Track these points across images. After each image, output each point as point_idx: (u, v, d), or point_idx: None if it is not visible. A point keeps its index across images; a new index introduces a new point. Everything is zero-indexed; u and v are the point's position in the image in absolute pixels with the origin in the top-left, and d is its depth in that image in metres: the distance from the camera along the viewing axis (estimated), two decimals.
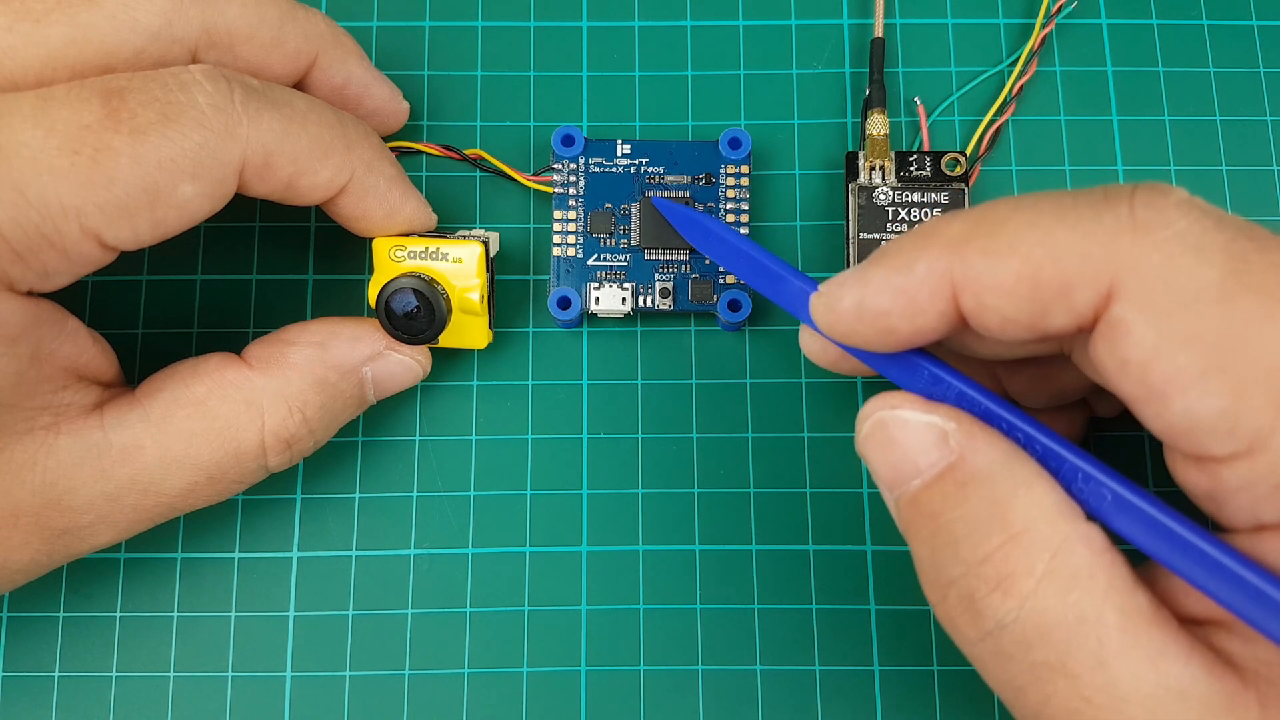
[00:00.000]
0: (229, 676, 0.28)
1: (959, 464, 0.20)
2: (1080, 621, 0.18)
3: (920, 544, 0.20)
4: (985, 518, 0.19)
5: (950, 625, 0.20)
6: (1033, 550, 0.18)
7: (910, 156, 0.29)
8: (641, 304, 0.29)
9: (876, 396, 0.21)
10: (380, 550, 0.28)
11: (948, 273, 0.19)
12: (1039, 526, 0.19)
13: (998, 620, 0.19)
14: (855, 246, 0.29)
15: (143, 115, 0.21)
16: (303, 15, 0.26)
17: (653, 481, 0.29)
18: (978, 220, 0.20)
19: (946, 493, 0.20)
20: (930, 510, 0.20)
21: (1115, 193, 0.19)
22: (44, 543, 0.23)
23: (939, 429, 0.20)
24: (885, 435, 0.21)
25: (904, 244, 0.20)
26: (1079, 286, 0.18)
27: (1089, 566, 0.18)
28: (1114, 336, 0.18)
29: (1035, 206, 0.19)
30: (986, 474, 0.19)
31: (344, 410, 0.26)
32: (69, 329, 0.23)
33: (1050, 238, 0.18)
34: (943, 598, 0.20)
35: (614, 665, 0.28)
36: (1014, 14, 0.32)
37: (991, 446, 0.20)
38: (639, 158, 0.30)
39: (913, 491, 0.20)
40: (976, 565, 0.19)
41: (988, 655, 0.19)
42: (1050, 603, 0.18)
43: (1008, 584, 0.18)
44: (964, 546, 0.19)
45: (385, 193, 0.26)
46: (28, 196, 0.20)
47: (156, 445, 0.23)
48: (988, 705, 0.27)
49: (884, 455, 0.21)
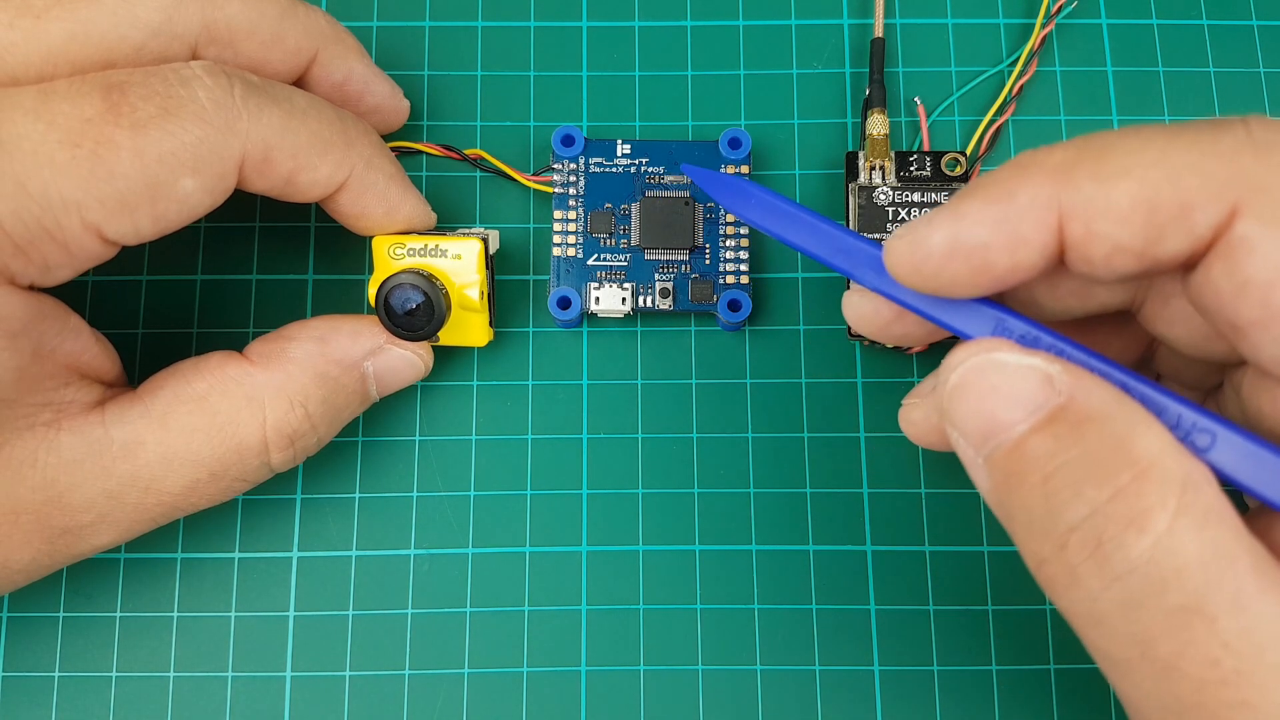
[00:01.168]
0: (229, 676, 0.28)
1: (1070, 404, 0.18)
2: (1216, 560, 0.17)
3: (1028, 493, 0.18)
4: (1109, 455, 0.18)
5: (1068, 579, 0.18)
6: (1165, 484, 0.17)
7: (910, 156, 0.29)
8: (641, 304, 0.29)
9: (962, 345, 0.20)
10: (380, 550, 0.28)
11: (1054, 200, 0.19)
12: (1166, 461, 0.17)
13: (1130, 562, 0.17)
14: None
15: (143, 109, 0.21)
16: (303, 12, 0.26)
17: (653, 481, 0.29)
18: (1082, 146, 0.19)
19: (1060, 434, 0.18)
20: (1042, 454, 0.18)
21: (1226, 120, 0.18)
22: (45, 542, 0.23)
23: (1042, 371, 0.19)
24: (981, 382, 0.19)
25: (1001, 175, 0.19)
26: (1200, 206, 0.18)
27: (1217, 503, 0.17)
28: (1236, 257, 0.17)
29: (1143, 132, 0.18)
30: (1102, 412, 0.18)
31: (346, 406, 0.26)
32: (71, 326, 0.23)
33: (1166, 159, 0.18)
34: (1061, 547, 0.18)
35: (614, 665, 0.28)
36: (1014, 14, 0.32)
37: (1101, 387, 0.18)
38: (639, 158, 0.30)
39: (1016, 437, 0.19)
40: (1105, 504, 0.17)
41: (1113, 606, 0.17)
42: (1187, 540, 0.17)
43: (1142, 520, 0.17)
44: (1088, 485, 0.18)
45: (384, 190, 0.26)
46: (29, 189, 0.20)
47: (158, 442, 0.23)
48: (988, 705, 0.27)
49: (981, 404, 0.19)
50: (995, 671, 0.28)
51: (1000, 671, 0.28)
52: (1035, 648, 0.27)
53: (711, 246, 0.29)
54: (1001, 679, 0.28)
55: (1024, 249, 0.19)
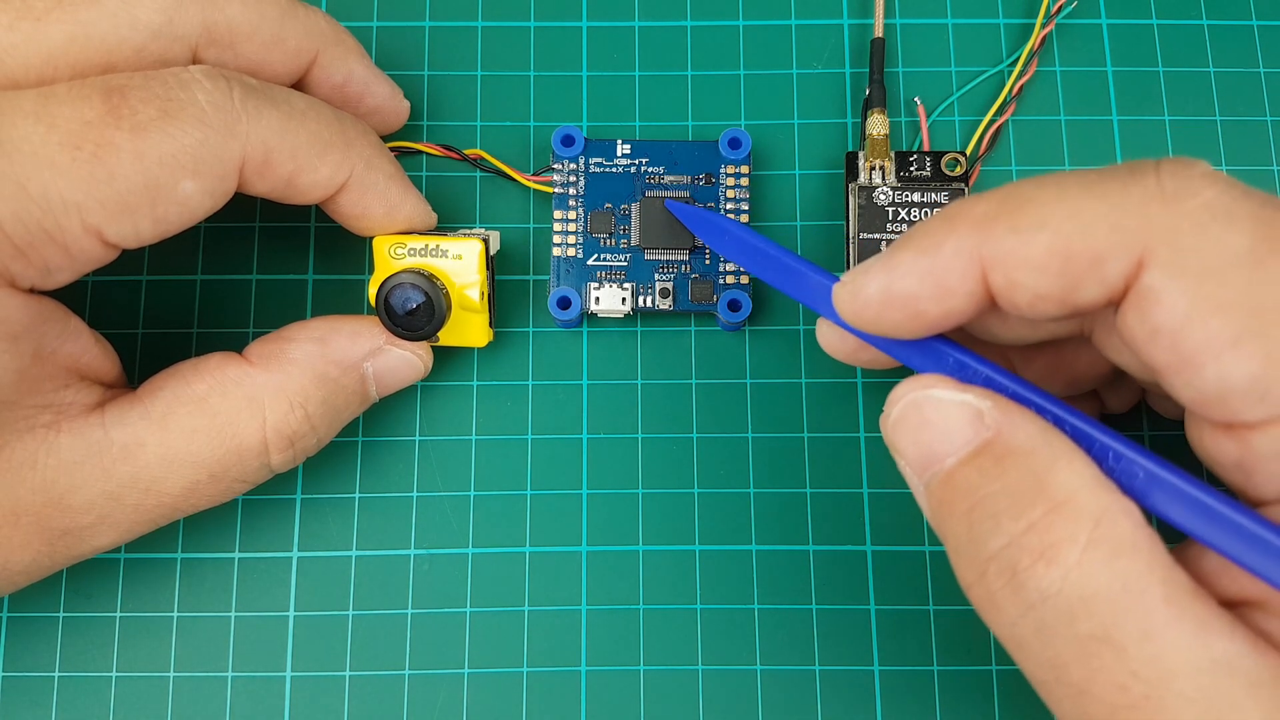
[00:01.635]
0: (229, 676, 0.28)
1: (996, 439, 0.19)
2: (1125, 591, 0.18)
3: (956, 521, 0.20)
4: (1026, 489, 0.19)
5: (989, 604, 0.19)
6: (1077, 519, 0.18)
7: (910, 156, 0.29)
8: (641, 304, 0.29)
9: (905, 380, 0.21)
10: (380, 550, 0.28)
11: (976, 251, 0.20)
12: (1081, 496, 0.18)
13: (1041, 591, 0.18)
14: (855, 246, 0.29)
15: (143, 112, 0.21)
16: (303, 13, 0.26)
17: (653, 481, 0.29)
18: (1004, 199, 0.20)
19: (984, 467, 0.19)
20: (967, 486, 0.19)
21: (1140, 167, 0.19)
22: (45, 543, 0.23)
23: (973, 407, 0.20)
24: (918, 416, 0.21)
25: (929, 226, 0.20)
26: (1110, 257, 0.18)
27: (1132, 537, 0.18)
28: (1145, 305, 0.18)
29: (1061, 183, 0.19)
30: (1026, 448, 0.19)
31: (346, 406, 0.26)
32: (71, 328, 0.23)
33: (1080, 211, 0.19)
34: (981, 575, 0.19)
35: (614, 665, 0.28)
36: (1014, 14, 0.32)
37: (1028, 422, 0.20)
38: (639, 158, 0.30)
39: (948, 469, 0.20)
40: (1019, 536, 0.18)
41: (1029, 632, 0.19)
42: (1095, 571, 0.18)
43: (1051, 553, 0.18)
44: (1005, 518, 0.19)
45: (385, 190, 0.26)
46: (29, 192, 0.20)
47: (158, 443, 0.23)
48: (988, 705, 0.27)
49: (916, 436, 0.20)
50: (995, 671, 0.28)
51: (1000, 671, 0.28)
52: None
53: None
54: (1001, 679, 0.28)
55: (951, 298, 0.20)
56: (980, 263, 0.20)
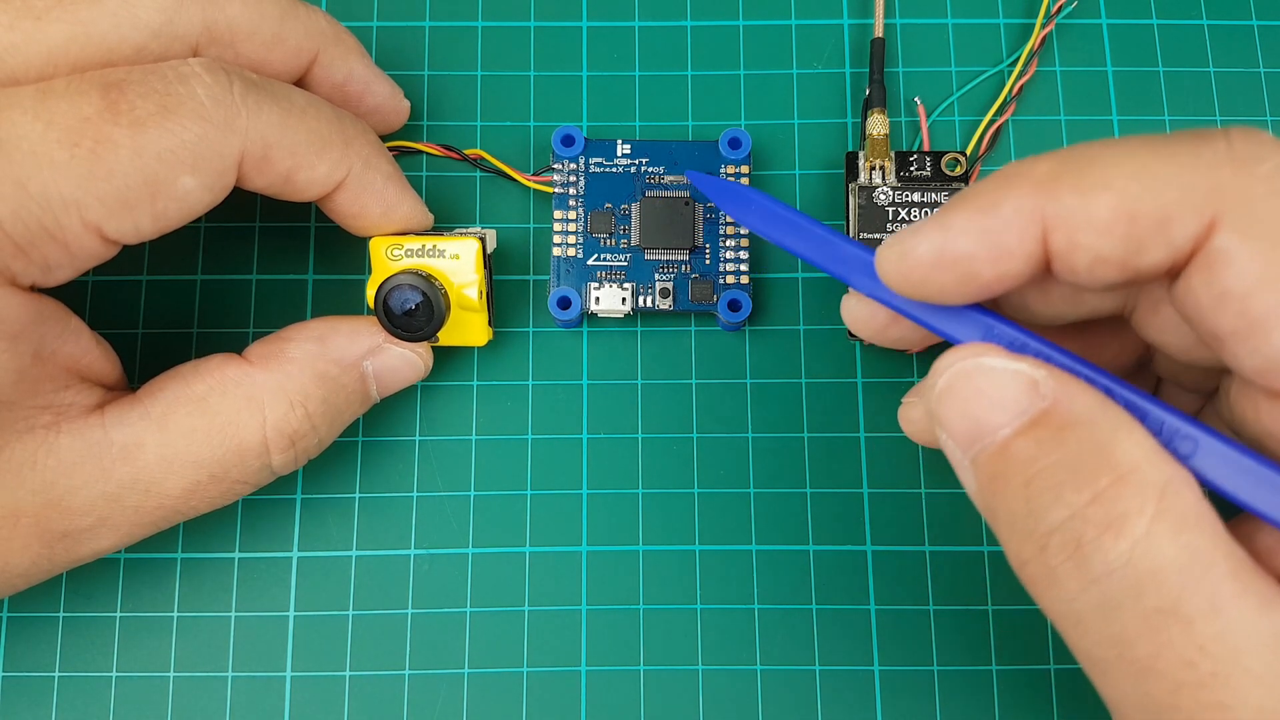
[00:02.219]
0: (229, 676, 0.28)
1: (1054, 409, 0.19)
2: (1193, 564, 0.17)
3: (1011, 495, 0.19)
4: (1089, 459, 0.18)
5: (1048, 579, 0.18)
6: (1144, 489, 0.18)
7: (910, 156, 0.29)
8: (641, 304, 0.29)
9: (953, 349, 0.20)
10: (380, 550, 0.28)
11: (1038, 211, 0.19)
12: (1145, 467, 0.18)
13: (1108, 564, 0.17)
14: None
15: (142, 107, 0.21)
16: (304, 12, 0.26)
17: (653, 481, 0.29)
18: (1066, 158, 0.19)
19: (1043, 438, 0.19)
20: (1025, 457, 0.19)
21: (1208, 132, 0.18)
22: (44, 545, 0.23)
23: (1028, 376, 0.19)
24: (969, 386, 0.20)
25: (986, 186, 0.20)
26: (1179, 219, 0.18)
27: (1196, 509, 0.18)
28: (1214, 268, 0.18)
29: (1125, 144, 0.19)
30: (1085, 417, 0.19)
31: (347, 406, 0.26)
32: (72, 328, 0.23)
33: (1147, 171, 0.18)
34: (1042, 549, 0.18)
35: (614, 665, 0.28)
36: (1014, 14, 0.32)
37: (1085, 392, 0.19)
38: (639, 158, 0.30)
39: (1001, 440, 0.19)
40: (1084, 507, 0.18)
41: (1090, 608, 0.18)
42: (1164, 544, 0.17)
43: (1119, 524, 0.17)
44: (1068, 489, 0.18)
45: (382, 189, 0.26)
46: (28, 189, 0.20)
47: (157, 444, 0.23)
48: (988, 705, 0.27)
49: (967, 407, 0.19)
50: (995, 671, 0.28)
51: (1000, 671, 0.28)
52: (1035, 648, 0.27)
53: (711, 246, 0.29)
54: (1001, 679, 0.28)
55: (1008, 260, 0.19)
56: (1041, 223, 0.19)
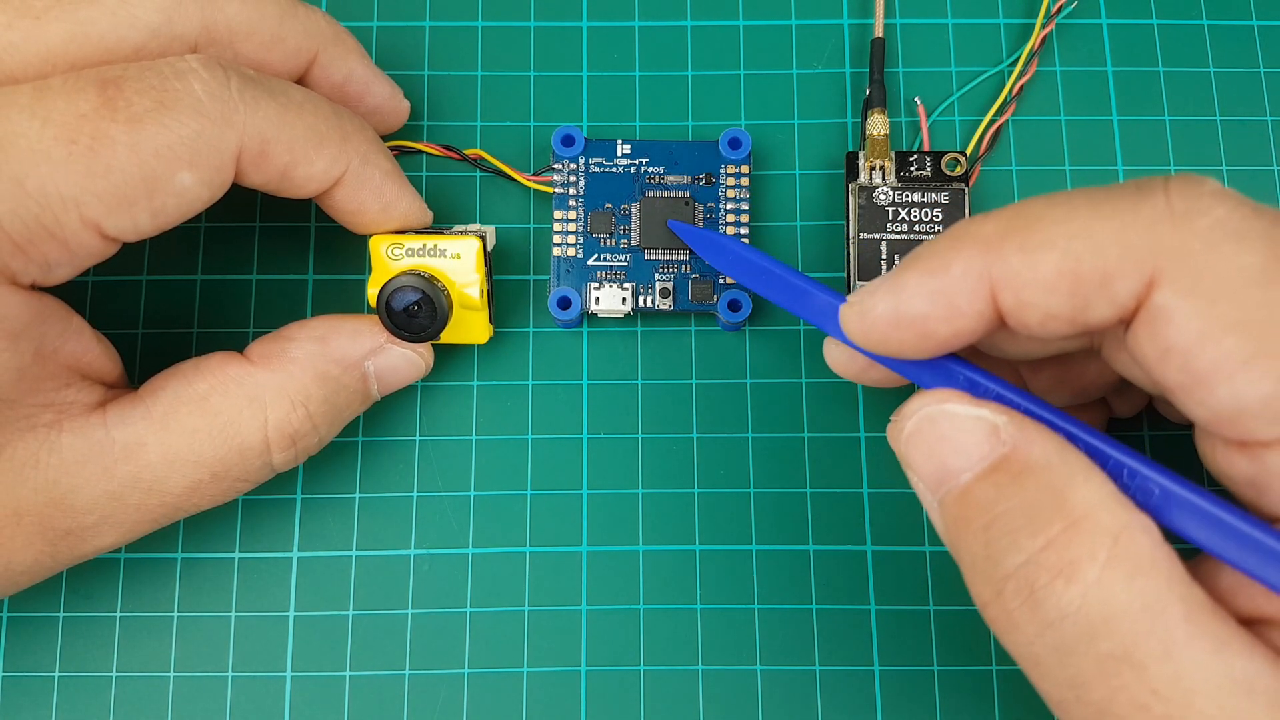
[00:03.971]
0: (229, 676, 0.28)
1: (1013, 455, 0.19)
2: (1145, 609, 0.17)
3: (972, 538, 0.19)
4: (1045, 505, 0.19)
5: (1006, 622, 0.19)
6: (1096, 535, 0.18)
7: (910, 156, 0.29)
8: (641, 304, 0.29)
9: (918, 395, 0.21)
10: (380, 550, 0.28)
11: (985, 272, 0.19)
12: (1099, 513, 0.18)
13: (1060, 610, 0.18)
14: (855, 246, 0.29)
15: (139, 103, 0.21)
16: (303, 12, 0.26)
17: (653, 481, 0.29)
18: (1011, 217, 0.20)
19: (1001, 483, 0.19)
20: (984, 502, 0.19)
21: (1149, 185, 0.19)
22: (47, 544, 0.23)
23: (989, 422, 0.20)
24: (933, 431, 0.20)
25: (936, 246, 0.20)
26: (1120, 277, 0.18)
27: (1151, 554, 0.18)
28: (1156, 325, 0.18)
29: (1069, 202, 0.19)
30: (1042, 463, 0.19)
31: (348, 405, 0.26)
32: (73, 327, 0.23)
33: (1088, 230, 0.19)
34: (998, 593, 0.19)
35: (614, 665, 0.28)
36: (1014, 14, 0.32)
37: (1044, 438, 0.19)
38: (639, 158, 0.30)
39: (963, 485, 0.20)
40: (1037, 553, 0.18)
41: (1047, 651, 0.18)
42: (1116, 589, 0.18)
43: (1071, 570, 0.18)
44: (1023, 535, 0.18)
45: (380, 186, 0.26)
46: (26, 187, 0.20)
47: (159, 442, 0.23)
48: (988, 705, 0.27)
49: (931, 451, 0.20)
50: (995, 671, 0.28)
51: (1000, 671, 0.28)
52: None
53: None
54: (1001, 679, 0.28)
55: (960, 318, 0.20)
56: (989, 282, 0.20)
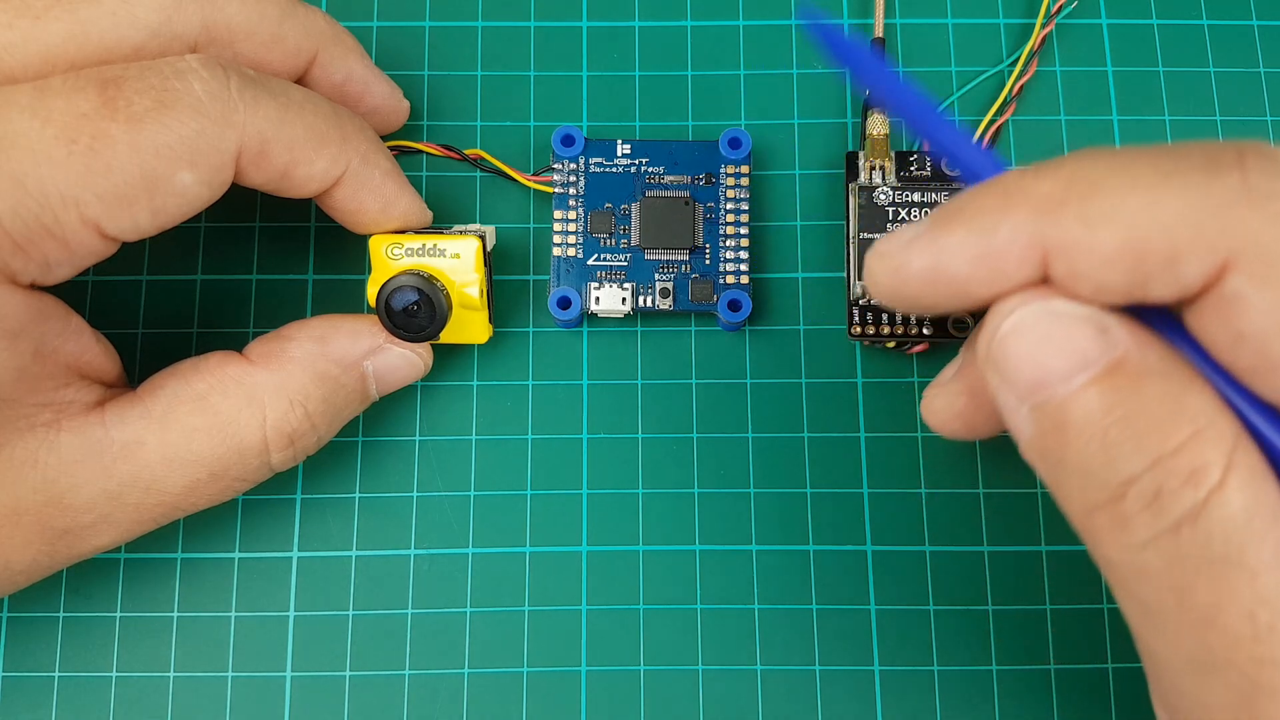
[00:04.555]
0: (229, 676, 0.28)
1: (1127, 358, 0.18)
2: (1263, 515, 0.17)
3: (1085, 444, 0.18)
4: (1169, 410, 0.18)
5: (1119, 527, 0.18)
6: (1220, 442, 0.17)
7: (910, 156, 0.29)
8: (641, 304, 0.29)
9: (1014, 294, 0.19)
10: (380, 550, 0.28)
11: (1038, 237, 0.18)
12: (1219, 421, 0.18)
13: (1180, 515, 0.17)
14: (855, 246, 0.29)
15: (139, 103, 0.21)
16: (303, 12, 0.26)
17: (653, 481, 0.29)
18: (1069, 180, 0.18)
19: (1120, 386, 0.18)
20: (1100, 407, 0.18)
21: (1221, 156, 0.18)
22: (46, 543, 0.23)
23: (1097, 323, 0.18)
24: (1035, 331, 0.19)
25: (984, 202, 0.19)
26: (1190, 259, 0.17)
27: (1263, 464, 0.18)
28: (1229, 310, 0.17)
29: (1132, 167, 0.18)
30: (1160, 369, 0.18)
31: (347, 405, 0.26)
32: (73, 326, 0.23)
33: (1156, 205, 0.17)
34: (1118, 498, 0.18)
35: (614, 665, 0.28)
36: (1014, 14, 0.32)
37: (1156, 342, 0.18)
38: (639, 158, 0.30)
39: (1076, 389, 0.18)
40: (1167, 457, 0.18)
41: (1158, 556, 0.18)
42: (1236, 495, 0.17)
43: (1197, 477, 0.17)
44: (1151, 439, 0.18)
45: (380, 186, 0.26)
46: (26, 186, 0.20)
47: (158, 441, 0.23)
48: (988, 705, 0.27)
49: (1034, 353, 0.19)
50: (995, 671, 0.28)
51: (1000, 671, 0.28)
52: (1035, 648, 0.27)
53: (711, 246, 0.29)
54: (1001, 679, 0.28)
55: (1005, 282, 0.19)
56: (1042, 249, 0.18)
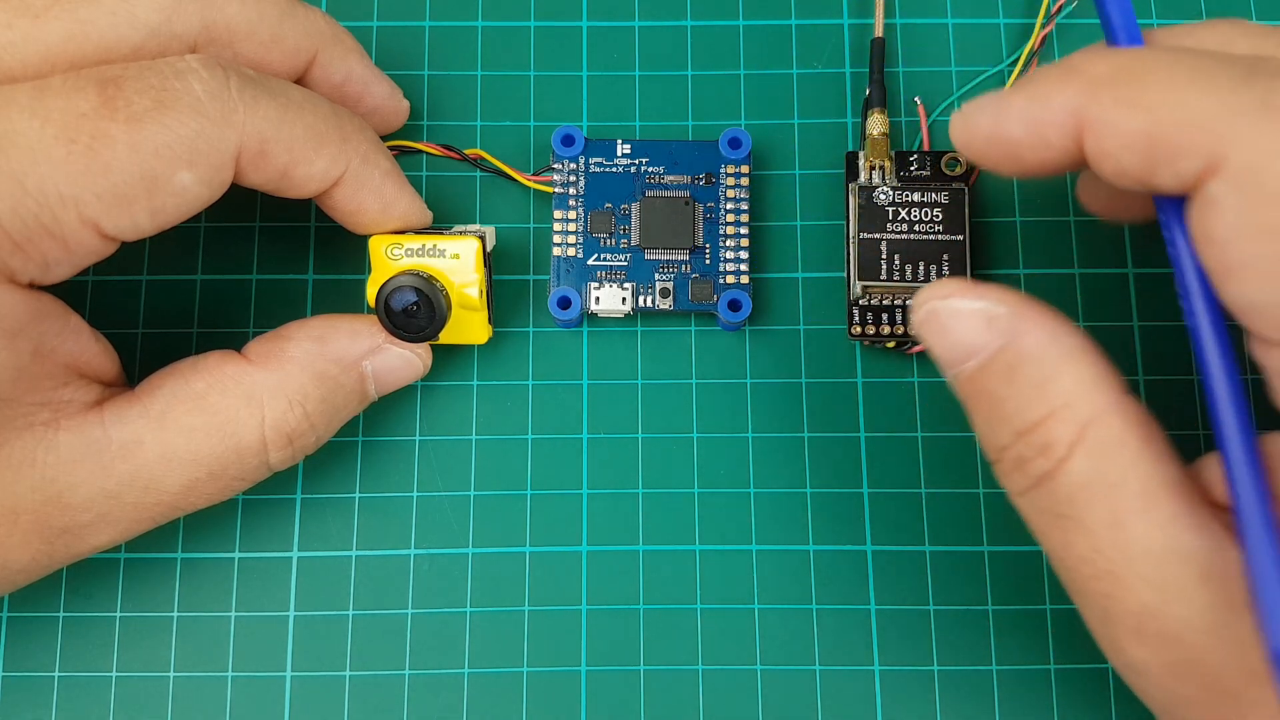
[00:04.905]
0: (229, 676, 0.28)
1: (1008, 346, 0.21)
2: (1101, 484, 0.20)
3: (978, 415, 0.22)
4: (1031, 395, 0.21)
5: (1003, 479, 0.22)
6: (1071, 422, 0.21)
7: (910, 156, 0.29)
8: (641, 304, 0.29)
9: (929, 285, 0.23)
10: (380, 550, 0.28)
11: (1080, 112, 0.20)
12: (1076, 401, 0.21)
13: (1035, 477, 0.21)
14: (855, 246, 0.29)
15: (139, 103, 0.21)
16: (302, 12, 0.26)
17: (653, 481, 0.29)
18: (1123, 65, 0.20)
19: (997, 372, 0.22)
20: (985, 388, 0.22)
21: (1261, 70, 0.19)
22: (44, 542, 0.23)
23: (988, 314, 0.22)
24: (938, 323, 0.22)
25: (1047, 74, 0.21)
26: (1187, 154, 0.19)
27: (1119, 436, 0.20)
28: (1205, 209, 0.19)
29: (1178, 65, 0.20)
30: (1033, 354, 0.21)
31: (345, 405, 0.26)
32: (71, 325, 0.23)
33: (1181, 100, 0.19)
34: (998, 459, 0.22)
35: (614, 665, 0.28)
36: (1014, 14, 0.32)
37: (1038, 327, 0.21)
38: (639, 158, 0.30)
39: (968, 372, 0.22)
40: (1025, 433, 0.21)
41: (1028, 505, 0.22)
42: (1079, 466, 0.20)
43: (1047, 450, 0.21)
44: (1015, 420, 0.21)
45: (380, 185, 0.26)
46: (25, 186, 0.21)
47: (156, 441, 0.23)
48: (988, 705, 0.27)
49: (940, 340, 0.22)
50: (995, 671, 0.28)
51: (1000, 671, 0.28)
52: (1035, 648, 0.27)
53: (711, 246, 0.29)
54: (1001, 679, 0.28)
55: (1048, 150, 0.21)
56: (1080, 123, 0.20)
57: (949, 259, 0.28)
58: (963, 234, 0.28)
